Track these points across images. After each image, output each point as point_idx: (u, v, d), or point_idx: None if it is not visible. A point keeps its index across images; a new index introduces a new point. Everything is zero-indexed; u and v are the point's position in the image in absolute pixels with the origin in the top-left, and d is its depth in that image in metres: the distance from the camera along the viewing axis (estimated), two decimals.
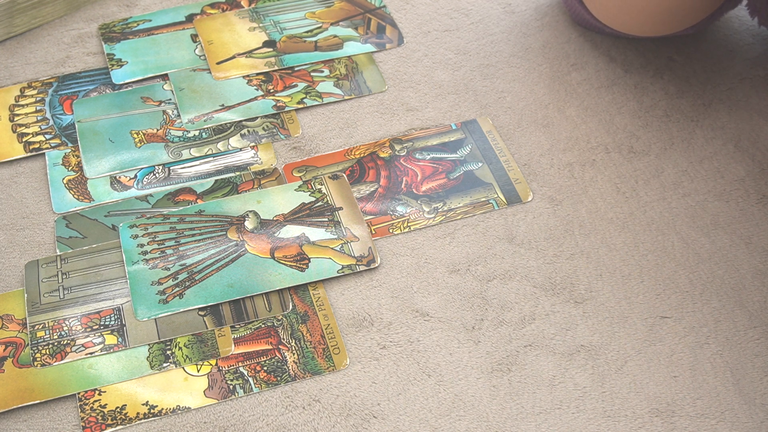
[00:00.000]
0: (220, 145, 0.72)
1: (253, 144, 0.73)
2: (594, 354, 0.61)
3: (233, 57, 0.78)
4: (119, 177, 0.70)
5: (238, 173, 0.71)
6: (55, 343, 0.61)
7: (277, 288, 0.63)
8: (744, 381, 0.60)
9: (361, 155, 0.72)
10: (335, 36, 0.80)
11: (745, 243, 0.67)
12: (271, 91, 0.76)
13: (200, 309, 0.63)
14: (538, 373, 0.60)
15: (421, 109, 0.75)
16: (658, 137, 0.74)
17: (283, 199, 0.69)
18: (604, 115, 0.75)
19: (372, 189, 0.70)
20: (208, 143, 0.73)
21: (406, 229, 0.67)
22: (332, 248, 0.66)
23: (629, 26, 0.74)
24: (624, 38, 0.80)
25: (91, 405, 0.58)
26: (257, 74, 0.77)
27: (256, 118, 0.74)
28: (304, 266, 0.65)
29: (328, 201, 0.69)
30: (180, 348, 0.61)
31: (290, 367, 0.60)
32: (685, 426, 0.58)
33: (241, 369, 0.60)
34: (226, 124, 0.74)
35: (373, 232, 0.67)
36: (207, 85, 0.76)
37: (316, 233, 0.66)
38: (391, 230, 0.67)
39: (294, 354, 0.61)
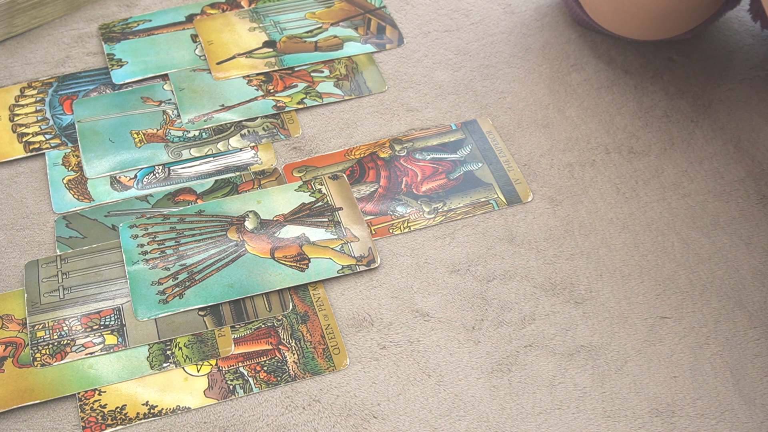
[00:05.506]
0: (220, 145, 0.72)
1: (253, 144, 0.73)
2: (594, 354, 0.61)
3: (233, 57, 0.78)
4: (119, 177, 0.70)
5: (238, 173, 0.71)
6: (55, 343, 0.60)
7: (277, 288, 0.63)
8: (744, 381, 0.60)
9: (361, 155, 0.72)
10: (335, 36, 0.80)
11: (745, 243, 0.67)
12: (271, 91, 0.76)
13: (200, 309, 0.63)
14: (538, 373, 0.60)
15: (421, 109, 0.75)
16: (658, 138, 0.74)
17: (283, 199, 0.69)
18: (604, 116, 0.75)
19: (372, 189, 0.70)
20: (208, 143, 0.73)
21: (406, 230, 0.67)
22: (332, 248, 0.66)
23: (625, 30, 0.74)
24: (624, 39, 0.80)
25: (91, 405, 0.58)
26: (257, 74, 0.77)
27: (256, 118, 0.74)
28: (304, 266, 0.65)
29: (328, 201, 0.68)
30: (180, 348, 0.61)
31: (290, 367, 0.60)
32: (685, 426, 0.58)
33: (241, 369, 0.60)
34: (226, 124, 0.74)
35: (373, 232, 0.67)
36: (207, 85, 0.76)
37: (316, 233, 0.66)
38: (391, 230, 0.67)
39: (294, 354, 0.61)
